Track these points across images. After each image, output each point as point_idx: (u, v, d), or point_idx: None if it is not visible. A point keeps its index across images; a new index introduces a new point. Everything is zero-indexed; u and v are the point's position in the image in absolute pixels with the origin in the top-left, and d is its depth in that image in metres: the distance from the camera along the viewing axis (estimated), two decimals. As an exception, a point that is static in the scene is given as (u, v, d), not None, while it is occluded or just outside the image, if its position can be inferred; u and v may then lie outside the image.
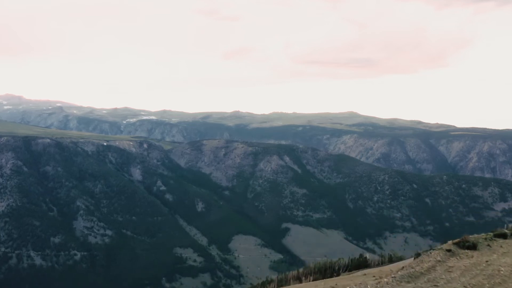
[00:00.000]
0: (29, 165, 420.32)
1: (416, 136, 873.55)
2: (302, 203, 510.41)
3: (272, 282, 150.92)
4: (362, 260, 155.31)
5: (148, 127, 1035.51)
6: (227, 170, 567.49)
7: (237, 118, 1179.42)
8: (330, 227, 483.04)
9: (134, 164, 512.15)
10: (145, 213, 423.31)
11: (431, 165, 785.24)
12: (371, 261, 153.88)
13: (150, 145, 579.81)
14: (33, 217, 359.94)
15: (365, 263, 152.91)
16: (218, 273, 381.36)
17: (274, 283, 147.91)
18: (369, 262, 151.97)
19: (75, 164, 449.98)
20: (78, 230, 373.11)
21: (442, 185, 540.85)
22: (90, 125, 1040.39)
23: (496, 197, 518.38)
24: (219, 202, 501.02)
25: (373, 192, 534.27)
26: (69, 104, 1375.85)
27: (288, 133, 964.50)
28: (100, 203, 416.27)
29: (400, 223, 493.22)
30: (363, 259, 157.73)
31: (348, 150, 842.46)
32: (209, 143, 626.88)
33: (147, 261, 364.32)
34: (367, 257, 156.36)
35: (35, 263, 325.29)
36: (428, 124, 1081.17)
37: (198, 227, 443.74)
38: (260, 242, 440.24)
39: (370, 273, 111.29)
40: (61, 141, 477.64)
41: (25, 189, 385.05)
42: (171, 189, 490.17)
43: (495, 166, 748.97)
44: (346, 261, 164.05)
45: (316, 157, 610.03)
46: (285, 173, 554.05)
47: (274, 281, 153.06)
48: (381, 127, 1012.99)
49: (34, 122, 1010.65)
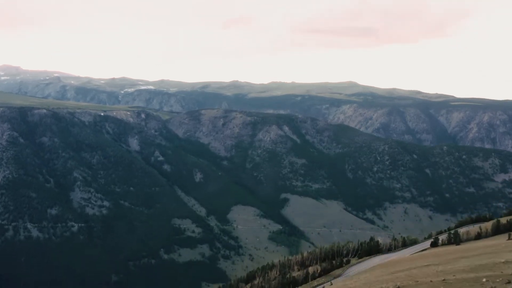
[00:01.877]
0: (25, 136, 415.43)
1: (415, 106, 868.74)
2: (301, 173, 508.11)
3: (274, 267, 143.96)
4: (373, 245, 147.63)
5: (146, 97, 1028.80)
6: (226, 140, 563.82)
7: (235, 87, 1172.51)
8: (330, 198, 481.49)
9: (132, 135, 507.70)
10: (142, 184, 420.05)
11: (431, 136, 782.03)
12: (383, 246, 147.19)
13: (148, 115, 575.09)
14: (30, 188, 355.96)
15: (376, 248, 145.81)
16: (216, 244, 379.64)
17: (277, 268, 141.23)
18: (381, 247, 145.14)
19: (72, 135, 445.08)
20: (75, 202, 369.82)
21: (442, 155, 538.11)
22: (88, 95, 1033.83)
23: (496, 168, 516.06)
24: (218, 172, 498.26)
25: (373, 163, 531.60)
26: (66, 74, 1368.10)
27: (287, 102, 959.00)
28: (97, 174, 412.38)
29: (400, 194, 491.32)
30: (374, 243, 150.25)
31: (348, 120, 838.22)
32: (207, 113, 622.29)
33: (144, 232, 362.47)
34: (379, 241, 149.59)
35: (32, 235, 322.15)
36: (427, 94, 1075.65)
37: (196, 198, 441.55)
38: (259, 213, 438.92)
39: (387, 264, 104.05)
40: (57, 112, 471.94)
41: (21, 160, 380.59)
42: (169, 159, 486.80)
43: (495, 136, 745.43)
44: (355, 245, 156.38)
45: (315, 127, 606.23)
46: (284, 143, 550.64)
47: (276, 266, 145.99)
48: (380, 97, 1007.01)
49: (31, 93, 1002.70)
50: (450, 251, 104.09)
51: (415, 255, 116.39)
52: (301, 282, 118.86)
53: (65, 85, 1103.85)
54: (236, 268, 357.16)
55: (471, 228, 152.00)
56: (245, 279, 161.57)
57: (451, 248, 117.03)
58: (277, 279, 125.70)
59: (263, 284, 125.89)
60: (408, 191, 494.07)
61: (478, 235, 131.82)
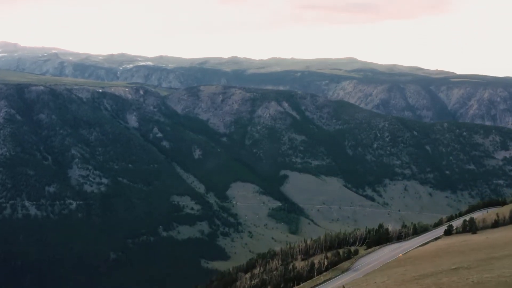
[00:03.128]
0: (22, 113, 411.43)
1: (415, 82, 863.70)
2: (300, 150, 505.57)
3: (276, 256, 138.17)
4: (382, 233, 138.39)
5: (145, 73, 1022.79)
6: (225, 117, 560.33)
7: (234, 63, 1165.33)
8: (329, 174, 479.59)
9: (130, 111, 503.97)
10: (141, 161, 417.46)
11: (431, 112, 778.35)
12: (393, 233, 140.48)
13: (146, 91, 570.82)
14: (27, 166, 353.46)
15: (386, 236, 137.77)
16: (216, 221, 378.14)
17: (278, 257, 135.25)
18: (390, 235, 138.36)
19: (69, 112, 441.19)
20: (73, 179, 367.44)
21: (442, 132, 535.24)
22: (86, 72, 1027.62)
23: (497, 145, 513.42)
24: (217, 149, 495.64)
25: (372, 139, 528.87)
26: (64, 50, 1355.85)
27: (286, 78, 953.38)
28: (95, 151, 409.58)
29: (400, 171, 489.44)
30: (383, 231, 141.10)
31: (347, 96, 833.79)
32: (206, 89, 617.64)
33: (143, 210, 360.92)
34: (389, 229, 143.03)
35: (29, 213, 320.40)
36: (427, 70, 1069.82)
37: (195, 175, 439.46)
38: (258, 190, 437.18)
39: (405, 261, 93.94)
40: (55, 88, 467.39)
41: (18, 138, 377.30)
42: (167, 136, 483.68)
43: (496, 113, 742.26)
44: (363, 232, 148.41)
45: (315, 103, 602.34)
46: (284, 119, 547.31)
47: (278, 255, 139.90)
48: (380, 73, 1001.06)
49: (29, 69, 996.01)
50: (473, 245, 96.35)
51: (434, 247, 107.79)
52: (305, 277, 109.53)
53: (63, 62, 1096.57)
54: (236, 246, 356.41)
55: (485, 214, 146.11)
56: (244, 268, 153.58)
57: (471, 239, 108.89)
58: (279, 270, 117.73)
59: (264, 276, 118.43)
60: (408, 168, 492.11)
61: (496, 223, 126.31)
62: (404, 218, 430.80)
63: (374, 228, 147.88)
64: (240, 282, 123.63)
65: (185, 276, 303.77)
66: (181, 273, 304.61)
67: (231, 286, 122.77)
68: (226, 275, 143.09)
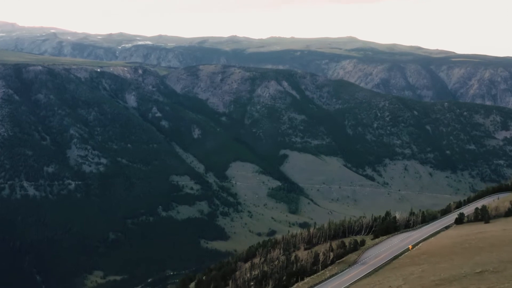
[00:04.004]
0: (20, 93, 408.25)
1: (416, 62, 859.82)
2: (300, 129, 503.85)
3: (277, 245, 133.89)
4: (390, 221, 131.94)
5: (144, 52, 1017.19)
6: (224, 96, 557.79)
7: (234, 42, 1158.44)
8: (329, 154, 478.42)
9: (129, 91, 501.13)
10: (140, 141, 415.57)
11: (431, 92, 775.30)
12: (400, 221, 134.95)
13: (145, 71, 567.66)
14: (26, 146, 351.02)
15: (394, 225, 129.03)
16: (215, 201, 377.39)
17: (280, 245, 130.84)
18: (398, 224, 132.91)
19: (67, 92, 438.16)
20: (72, 159, 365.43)
21: (443, 112, 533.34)
22: (85, 51, 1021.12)
23: (497, 126, 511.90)
24: (216, 128, 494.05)
25: (373, 119, 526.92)
26: (63, 30, 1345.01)
27: (286, 58, 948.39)
28: (94, 131, 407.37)
29: (400, 150, 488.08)
30: (391, 219, 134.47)
31: (347, 76, 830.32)
32: (205, 68, 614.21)
33: (142, 190, 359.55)
34: (397, 217, 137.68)
35: (28, 193, 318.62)
36: (428, 50, 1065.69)
37: (194, 154, 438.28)
38: (258, 169, 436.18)
39: (420, 259, 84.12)
40: (53, 68, 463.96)
41: (16, 118, 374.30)
42: (166, 115, 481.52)
43: (496, 93, 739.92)
44: (369, 220, 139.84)
45: (315, 82, 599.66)
46: (283, 98, 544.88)
47: (279, 243, 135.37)
48: (380, 52, 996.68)
49: (27, 49, 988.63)
50: (491, 239, 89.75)
51: (448, 241, 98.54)
52: (309, 271, 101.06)
53: (62, 41, 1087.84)
54: (235, 226, 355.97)
55: (497, 201, 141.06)
56: (244, 256, 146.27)
57: (486, 231, 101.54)
58: (281, 261, 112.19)
59: (265, 267, 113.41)
60: (409, 147, 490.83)
61: (509, 211, 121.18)
62: (404, 198, 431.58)
63: (380, 215, 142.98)
64: (239, 272, 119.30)
65: (185, 256, 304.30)
66: (181, 253, 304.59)
67: (230, 277, 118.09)
68: (225, 264, 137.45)
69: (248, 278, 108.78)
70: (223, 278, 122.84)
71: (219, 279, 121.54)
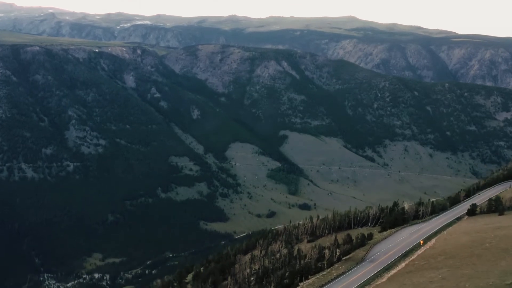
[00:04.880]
0: (18, 74, 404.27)
1: (416, 42, 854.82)
2: (300, 110, 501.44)
3: (279, 237, 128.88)
4: (398, 213, 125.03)
5: (143, 32, 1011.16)
6: (223, 76, 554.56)
7: (233, 22, 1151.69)
8: (329, 135, 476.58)
9: (127, 71, 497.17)
10: (139, 122, 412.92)
11: (432, 72, 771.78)
12: (408, 213, 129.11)
13: (144, 51, 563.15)
14: (24, 128, 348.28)
15: (402, 216, 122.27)
16: (214, 182, 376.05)
17: (282, 237, 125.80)
18: (406, 216, 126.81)
19: (65, 72, 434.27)
20: (70, 141, 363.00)
21: (443, 93, 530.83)
22: (83, 31, 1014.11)
23: (498, 107, 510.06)
24: (215, 109, 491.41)
25: (373, 99, 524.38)
26: (61, 10, 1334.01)
27: (285, 37, 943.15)
28: (92, 112, 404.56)
29: (400, 131, 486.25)
30: (399, 211, 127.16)
31: (347, 55, 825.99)
32: (204, 48, 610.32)
33: (141, 171, 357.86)
34: (405, 208, 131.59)
35: (26, 175, 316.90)
36: (428, 30, 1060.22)
37: (193, 135, 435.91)
38: (257, 150, 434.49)
39: (439, 262, 77.22)
40: (51, 49, 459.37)
41: (14, 99, 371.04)
42: (165, 96, 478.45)
43: (497, 74, 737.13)
44: (376, 210, 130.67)
45: (315, 62, 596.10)
46: (283, 79, 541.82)
47: (281, 235, 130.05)
48: (380, 32, 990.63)
49: (25, 30, 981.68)
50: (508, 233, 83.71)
51: (466, 239, 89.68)
52: (314, 269, 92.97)
53: (60, 21, 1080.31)
54: (235, 207, 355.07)
55: (510, 191, 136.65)
56: (243, 248, 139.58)
57: (503, 225, 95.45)
58: (282, 255, 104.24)
59: (265, 261, 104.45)
60: (409, 128, 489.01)
61: None
62: (404, 179, 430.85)
63: (387, 206, 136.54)
64: (239, 265, 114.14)
65: (184, 238, 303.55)
66: (180, 235, 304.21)
67: (229, 270, 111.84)
68: (224, 256, 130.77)
69: (248, 274, 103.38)
70: (221, 271, 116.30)
71: (218, 272, 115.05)
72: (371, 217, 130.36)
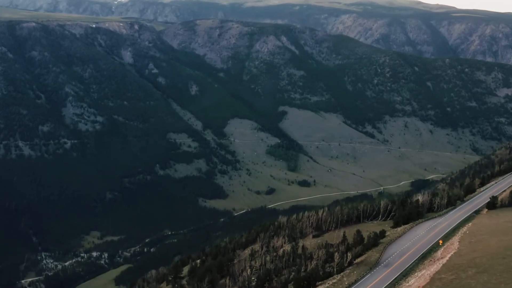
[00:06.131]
0: (13, 51, 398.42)
1: (416, 17, 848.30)
2: (299, 85, 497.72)
3: (281, 229, 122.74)
4: (412, 206, 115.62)
5: (140, 7, 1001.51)
6: (222, 51, 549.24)
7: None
8: (329, 111, 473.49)
9: (125, 47, 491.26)
10: (137, 98, 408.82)
11: (432, 47, 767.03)
12: (423, 205, 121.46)
13: (142, 26, 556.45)
14: (20, 105, 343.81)
15: (416, 210, 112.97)
16: (213, 159, 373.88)
17: (284, 231, 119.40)
18: (421, 209, 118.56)
19: (62, 49, 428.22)
20: (67, 118, 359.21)
21: (444, 68, 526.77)
22: (80, 7, 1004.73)
23: (499, 83, 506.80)
24: (214, 85, 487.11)
25: (373, 75, 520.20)
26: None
27: (284, 12, 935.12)
28: (89, 89, 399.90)
29: (400, 107, 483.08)
30: (413, 204, 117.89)
31: (347, 30, 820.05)
32: (202, 23, 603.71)
33: (139, 148, 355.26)
34: (420, 200, 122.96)
35: (23, 153, 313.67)
36: (428, 4, 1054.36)
37: (192, 111, 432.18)
38: (256, 126, 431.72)
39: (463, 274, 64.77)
40: (47, 25, 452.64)
41: (10, 76, 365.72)
42: (163, 72, 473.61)
43: (497, 50, 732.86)
44: (387, 202, 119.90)
45: (314, 37, 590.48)
46: (282, 54, 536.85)
47: (284, 228, 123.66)
48: (380, 6, 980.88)
49: (22, 6, 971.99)
50: None
51: (494, 242, 79.33)
52: (322, 274, 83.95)
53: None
54: (234, 184, 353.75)
55: None
56: (243, 242, 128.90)
57: None
58: (286, 253, 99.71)
59: (267, 258, 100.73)
60: (409, 104, 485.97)
61: None
62: (404, 155, 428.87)
63: (400, 198, 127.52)
64: (237, 261, 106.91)
65: (183, 215, 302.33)
66: (179, 213, 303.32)
67: (227, 268, 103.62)
68: (222, 250, 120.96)
69: (248, 276, 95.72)
70: (219, 268, 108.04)
71: (215, 270, 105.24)
72: (382, 210, 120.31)
